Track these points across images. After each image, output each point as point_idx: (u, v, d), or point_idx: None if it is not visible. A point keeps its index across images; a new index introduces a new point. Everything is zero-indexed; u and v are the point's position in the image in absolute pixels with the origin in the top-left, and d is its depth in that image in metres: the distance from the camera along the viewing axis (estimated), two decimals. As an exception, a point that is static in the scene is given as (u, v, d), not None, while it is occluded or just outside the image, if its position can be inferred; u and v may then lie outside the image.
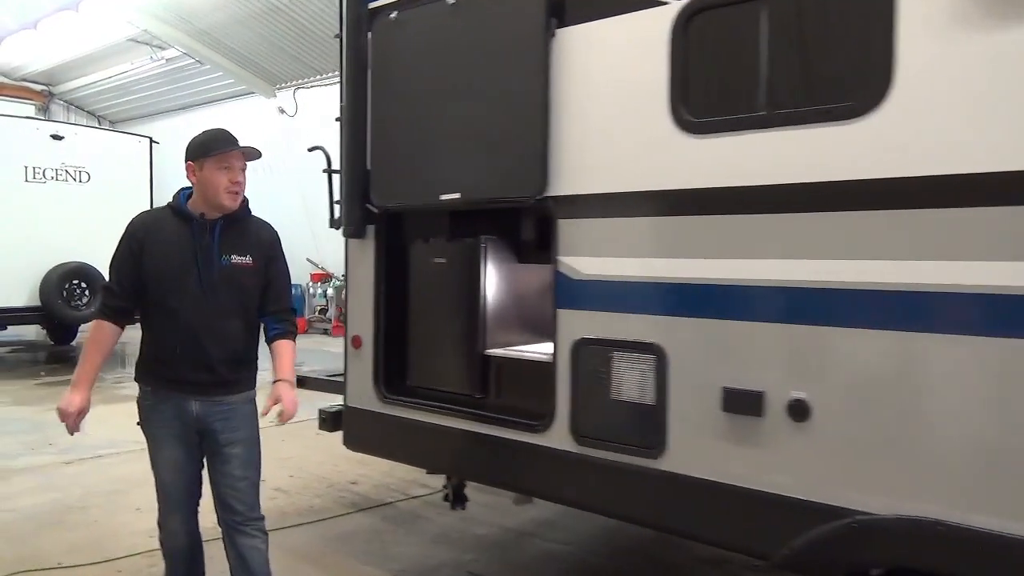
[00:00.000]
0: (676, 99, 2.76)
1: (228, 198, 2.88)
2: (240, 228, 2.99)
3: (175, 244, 2.90)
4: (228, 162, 2.87)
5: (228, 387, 2.97)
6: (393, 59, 3.67)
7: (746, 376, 2.62)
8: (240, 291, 2.95)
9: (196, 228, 2.91)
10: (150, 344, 2.97)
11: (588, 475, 3.05)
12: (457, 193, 3.41)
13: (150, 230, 2.93)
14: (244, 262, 2.95)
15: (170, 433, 2.95)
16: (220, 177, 2.86)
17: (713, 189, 2.69)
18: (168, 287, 2.88)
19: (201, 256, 2.87)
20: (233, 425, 2.97)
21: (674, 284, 2.79)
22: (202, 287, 2.87)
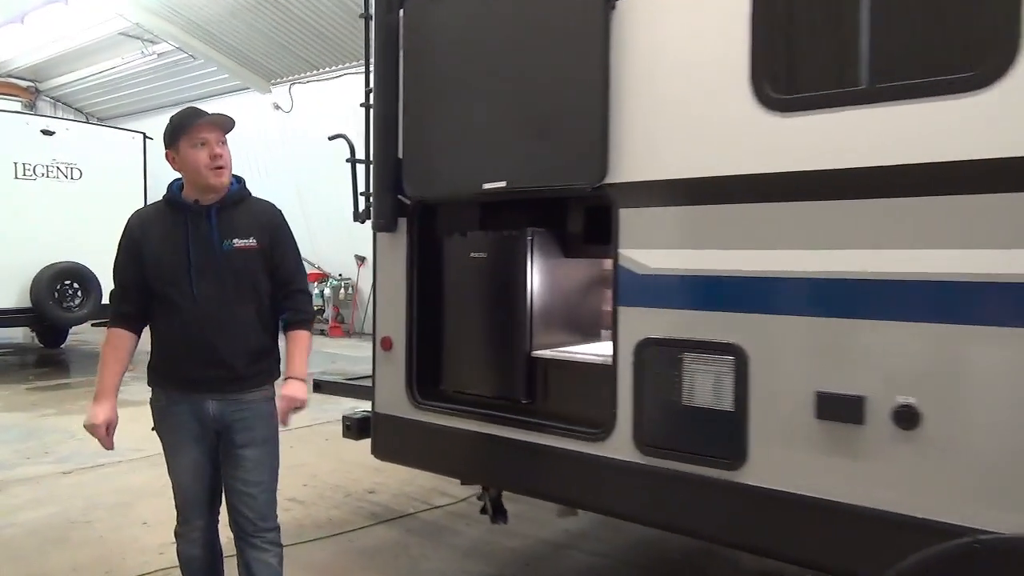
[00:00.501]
0: (758, 73, 2.50)
1: (212, 175, 2.68)
2: (239, 210, 2.80)
3: (172, 236, 2.73)
4: (201, 137, 2.67)
5: (244, 383, 2.78)
6: (429, 38, 3.39)
7: (845, 380, 2.36)
8: (247, 276, 2.75)
9: (192, 216, 2.73)
10: (159, 344, 2.80)
11: (653, 488, 2.79)
12: (502, 182, 3.13)
13: (146, 226, 2.76)
14: (247, 245, 2.75)
15: (188, 436, 2.78)
16: (198, 155, 2.67)
17: (802, 173, 2.43)
18: (169, 281, 2.70)
19: (202, 244, 2.70)
20: (249, 424, 2.77)
21: (758, 278, 2.53)
22: (205, 277, 2.69)
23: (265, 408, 2.84)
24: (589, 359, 3.21)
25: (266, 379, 2.86)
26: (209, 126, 2.69)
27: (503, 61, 3.13)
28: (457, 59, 3.29)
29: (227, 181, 2.74)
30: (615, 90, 2.81)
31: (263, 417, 2.83)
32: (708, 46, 2.61)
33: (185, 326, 2.70)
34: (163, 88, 16.56)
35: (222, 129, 2.73)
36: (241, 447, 2.77)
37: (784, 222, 2.48)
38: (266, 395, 2.86)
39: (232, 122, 2.76)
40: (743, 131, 2.54)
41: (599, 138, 2.83)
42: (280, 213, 2.92)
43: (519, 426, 3.16)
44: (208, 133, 2.68)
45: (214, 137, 2.69)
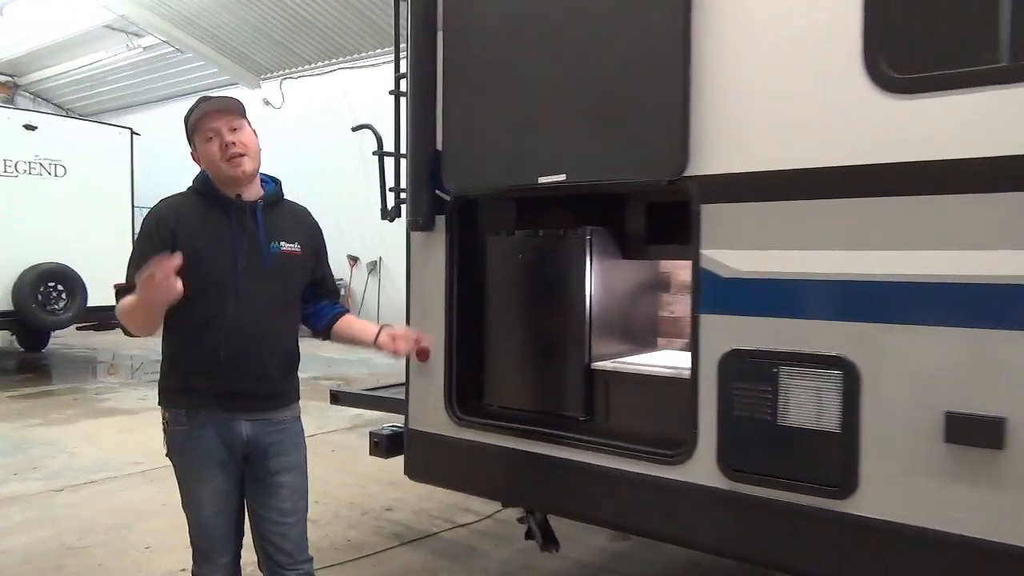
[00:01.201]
0: (872, 49, 2.20)
1: (231, 166, 2.40)
2: (281, 211, 2.58)
3: (214, 230, 2.43)
4: (210, 128, 2.41)
5: (280, 400, 2.53)
6: (474, 16, 3.06)
7: (981, 399, 2.07)
8: (290, 283, 2.55)
9: (235, 211, 2.45)
10: (184, 354, 2.45)
11: (741, 517, 2.49)
12: (561, 175, 2.81)
13: (181, 215, 2.43)
14: (293, 250, 2.53)
15: (214, 462, 2.45)
16: (211, 148, 2.41)
17: (926, 163, 2.14)
18: (211, 280, 2.38)
19: (248, 243, 2.43)
20: (285, 448, 2.52)
21: (871, 283, 2.23)
22: (253, 279, 2.42)
23: (298, 428, 2.60)
24: (660, 372, 2.89)
25: (296, 395, 2.63)
26: (214, 114, 2.41)
27: (563, 39, 2.80)
28: (507, 38, 2.97)
29: (250, 170, 2.45)
30: (697, 70, 2.49)
31: (297, 437, 2.58)
32: (810, 15, 2.31)
33: (226, 332, 2.38)
34: (148, 83, 16.09)
35: (230, 113, 2.43)
36: (276, 473, 2.49)
37: (904, 220, 2.18)
38: (296, 414, 2.61)
39: (237, 103, 2.47)
40: (854, 116, 2.24)
41: (678, 125, 2.52)
42: (315, 219, 2.72)
43: (579, 446, 2.84)
44: (215, 122, 2.40)
45: (224, 124, 2.40)
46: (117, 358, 11.83)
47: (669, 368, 2.85)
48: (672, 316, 3.57)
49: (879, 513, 2.23)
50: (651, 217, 3.25)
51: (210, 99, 2.47)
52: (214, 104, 2.43)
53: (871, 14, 2.19)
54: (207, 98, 2.48)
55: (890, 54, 2.18)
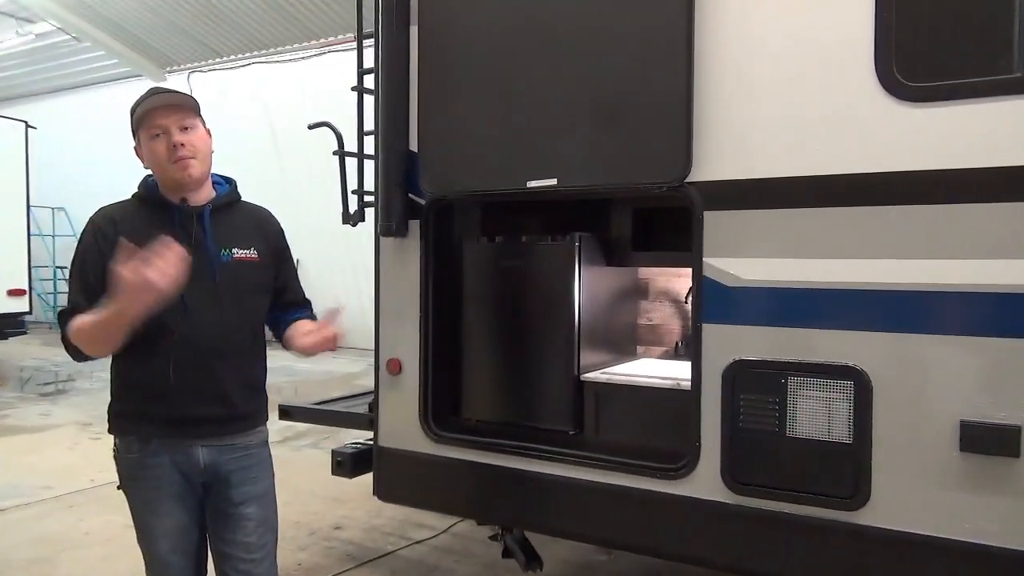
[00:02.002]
0: (883, 56, 2.18)
1: (176, 169, 2.15)
2: (236, 215, 2.33)
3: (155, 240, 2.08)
4: (157, 125, 2.15)
5: (244, 423, 2.29)
6: (453, 7, 2.90)
7: (996, 407, 2.08)
8: (247, 293, 2.29)
9: (180, 217, 2.20)
10: (133, 375, 2.21)
11: (749, 531, 2.44)
12: (552, 179, 2.69)
13: (120, 225, 2.17)
14: (249, 256, 2.28)
15: (170, 493, 2.22)
16: (157, 147, 2.16)
17: (940, 172, 2.13)
18: None
19: (195, 252, 2.12)
20: (251, 476, 2.29)
21: (884, 292, 2.21)
22: (198, 292, 2.14)
23: (265, 454, 2.37)
24: (656, 383, 2.81)
25: (263, 417, 2.39)
26: (163, 110, 2.15)
27: (555, 36, 2.67)
28: (492, 33, 2.82)
29: (198, 174, 2.19)
30: (702, 69, 2.42)
31: (264, 464, 2.36)
32: (820, 20, 2.27)
33: (177, 351, 2.14)
34: (42, 73, 14.97)
35: (181, 110, 2.18)
36: (240, 504, 2.27)
37: (916, 228, 2.17)
38: (263, 438, 2.38)
39: (190, 99, 2.22)
40: (864, 124, 2.22)
41: (681, 129, 2.44)
42: (278, 222, 2.46)
43: (572, 461, 2.73)
44: (164, 119, 2.14)
45: (173, 122, 2.15)
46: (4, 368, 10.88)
47: (666, 379, 2.77)
48: (651, 323, 3.51)
49: (893, 524, 2.22)
50: (637, 223, 3.17)
51: (160, 92, 2.21)
52: (164, 99, 2.17)
53: (883, 20, 2.17)
54: (157, 90, 2.23)
55: (902, 61, 2.17)
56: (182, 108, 2.17)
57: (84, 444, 6.67)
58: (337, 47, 11.89)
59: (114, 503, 5.51)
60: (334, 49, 11.96)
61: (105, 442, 6.76)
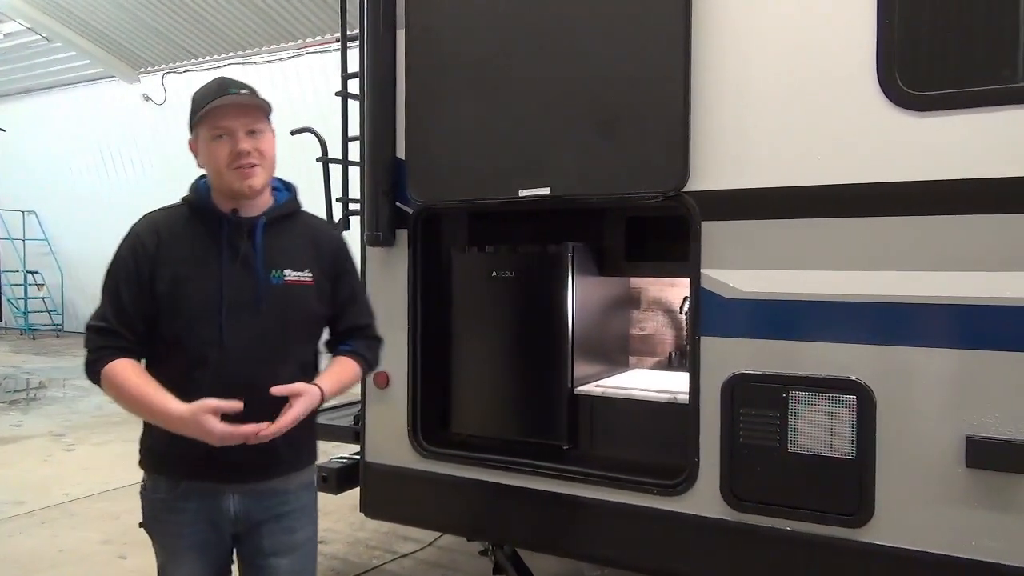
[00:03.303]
0: (887, 64, 2.14)
1: (236, 177, 1.89)
2: (293, 229, 2.04)
3: (201, 257, 1.93)
4: (221, 126, 1.89)
5: (284, 466, 2.02)
6: (442, 12, 2.82)
7: (1003, 422, 2.04)
8: (297, 323, 2.00)
9: (228, 231, 1.94)
10: None
11: (749, 549, 2.38)
12: (545, 188, 2.62)
13: (164, 237, 1.93)
14: (301, 279, 1.99)
15: (194, 544, 1.98)
16: (217, 151, 1.90)
17: (944, 183, 2.09)
18: (195, 321, 1.90)
19: (239, 272, 1.92)
20: (288, 526, 2.03)
21: (888, 305, 2.17)
22: (240, 319, 1.91)
23: (307, 498, 2.09)
24: (653, 397, 2.75)
25: (311, 457, 2.12)
26: (232, 110, 1.89)
27: (548, 42, 2.60)
28: (482, 39, 2.74)
29: (259, 185, 1.93)
30: (699, 76, 2.37)
31: (306, 512, 2.08)
32: (821, 27, 2.22)
33: (214, 386, 1.85)
34: (11, 74, 14.57)
35: (252, 113, 1.92)
36: (271, 555, 2.01)
37: (921, 240, 2.13)
38: (309, 479, 2.12)
39: (263, 101, 1.95)
40: (867, 133, 2.18)
41: (678, 137, 2.38)
42: (342, 239, 2.17)
43: (566, 477, 2.66)
44: (231, 120, 1.89)
45: (241, 125, 1.90)
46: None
47: (663, 392, 2.71)
48: (643, 333, 3.46)
49: (897, 541, 2.18)
50: (631, 232, 3.11)
51: (231, 89, 1.91)
52: (235, 99, 1.90)
53: (885, 28, 2.13)
54: (227, 84, 1.92)
55: (905, 70, 2.12)
56: (253, 110, 1.92)
57: (57, 456, 6.49)
58: (316, 48, 11.74)
59: (89, 518, 5.35)
60: (313, 51, 11.80)
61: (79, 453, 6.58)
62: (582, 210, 3.01)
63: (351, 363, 2.08)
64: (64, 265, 15.80)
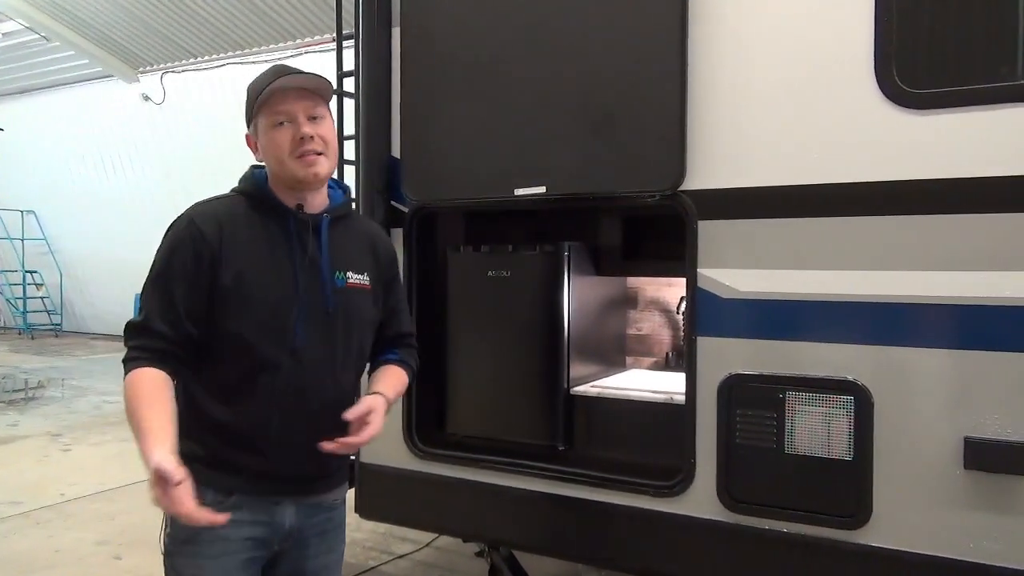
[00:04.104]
0: (884, 62, 2.12)
1: (301, 165, 1.77)
2: (349, 230, 1.93)
3: (270, 253, 1.79)
4: (282, 111, 1.78)
5: (332, 479, 1.91)
6: (439, 8, 2.80)
7: (1002, 424, 2.02)
8: (358, 328, 1.90)
9: (295, 227, 1.81)
10: (220, 416, 1.77)
11: (746, 551, 2.36)
12: (541, 187, 2.60)
13: (227, 229, 1.77)
14: (361, 283, 1.89)
15: (235, 563, 1.77)
16: (279, 137, 1.78)
17: (942, 181, 2.07)
18: (266, 322, 1.76)
19: (308, 272, 1.80)
20: (328, 544, 1.91)
21: (885, 304, 2.15)
22: (315, 321, 1.80)
23: (343, 514, 1.98)
24: (648, 398, 2.73)
25: (347, 470, 2.01)
26: (293, 94, 1.78)
27: (545, 38, 2.58)
28: (477, 37, 2.72)
29: (324, 174, 1.81)
30: (696, 74, 2.35)
31: (342, 528, 1.98)
32: (818, 24, 2.20)
33: (278, 397, 1.74)
34: (9, 73, 14.58)
35: (314, 96, 1.82)
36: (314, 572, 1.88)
37: (920, 239, 2.11)
38: (344, 493, 2.00)
39: (326, 83, 1.84)
40: (865, 131, 2.16)
41: (674, 136, 2.36)
42: (391, 241, 2.14)
43: (561, 478, 2.64)
44: (293, 104, 1.78)
45: (302, 109, 1.79)
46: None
47: (659, 393, 2.69)
48: (640, 333, 3.44)
49: (894, 543, 2.16)
50: (627, 231, 3.09)
51: (289, 71, 1.80)
52: (296, 80, 1.78)
53: (883, 24, 2.11)
54: (285, 69, 1.81)
55: (903, 67, 2.10)
56: (315, 93, 1.81)
57: (54, 456, 6.47)
58: (315, 48, 11.72)
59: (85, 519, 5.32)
60: (311, 50, 11.78)
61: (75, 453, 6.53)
62: (578, 209, 2.99)
63: (402, 373, 1.99)
64: (63, 265, 15.78)
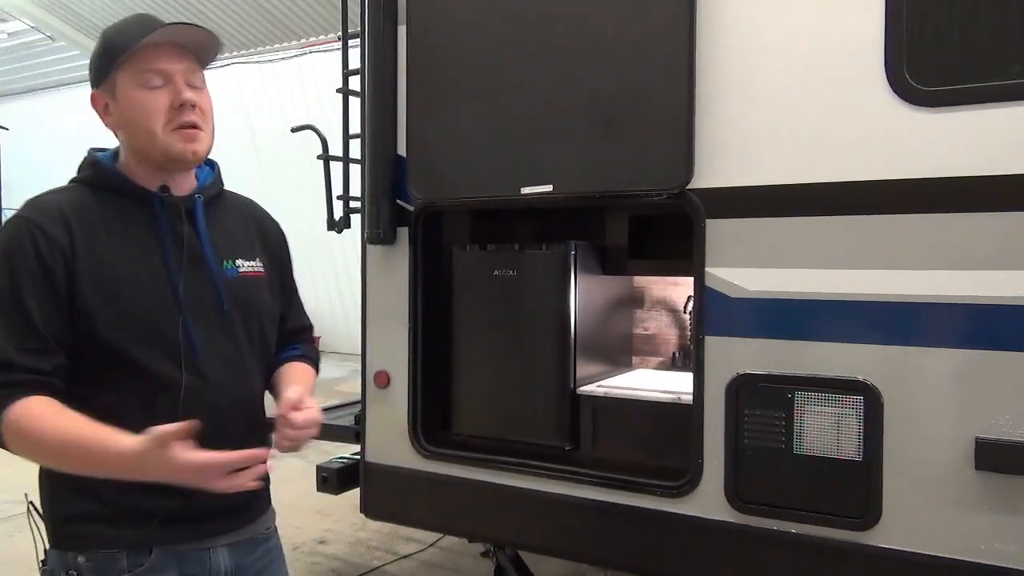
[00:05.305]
0: (894, 58, 2.10)
1: (177, 139, 1.46)
2: (225, 210, 1.63)
3: (136, 249, 1.46)
4: (157, 68, 1.44)
5: (260, 504, 1.64)
6: (445, 6, 2.78)
7: (1014, 424, 2.00)
8: (259, 324, 1.61)
9: (164, 215, 1.49)
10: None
11: (754, 552, 2.35)
12: (547, 185, 2.59)
13: (75, 227, 1.42)
14: (255, 271, 1.62)
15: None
16: (150, 101, 1.44)
17: (954, 180, 2.05)
18: (149, 333, 1.44)
19: (189, 265, 1.50)
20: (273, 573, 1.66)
21: (895, 304, 2.13)
22: (209, 324, 1.51)
23: (278, 539, 1.72)
24: (656, 397, 2.71)
25: (268, 494, 1.69)
26: (176, 52, 1.45)
27: (552, 36, 2.57)
28: (484, 35, 2.70)
29: (203, 153, 1.51)
30: (704, 71, 2.33)
31: (282, 556, 1.72)
32: (827, 21, 2.18)
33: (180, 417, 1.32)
34: (14, 73, 14.62)
35: (196, 56, 1.49)
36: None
37: (930, 238, 2.08)
38: (274, 514, 1.72)
39: (215, 40, 1.51)
40: (875, 129, 2.13)
41: (683, 134, 2.34)
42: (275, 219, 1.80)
43: (567, 479, 2.62)
44: (171, 62, 1.44)
45: (182, 70, 1.45)
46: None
47: (666, 393, 2.67)
48: (647, 333, 3.42)
49: (904, 544, 2.13)
50: (634, 230, 3.07)
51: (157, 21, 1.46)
52: (175, 32, 1.44)
53: (893, 20, 2.09)
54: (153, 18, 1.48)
55: (914, 64, 2.08)
56: (199, 52, 1.48)
57: (58, 455, 6.47)
58: (320, 47, 11.72)
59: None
60: (317, 49, 11.78)
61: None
62: (585, 208, 2.98)
63: (311, 370, 1.75)
64: (68, 264, 15.78)
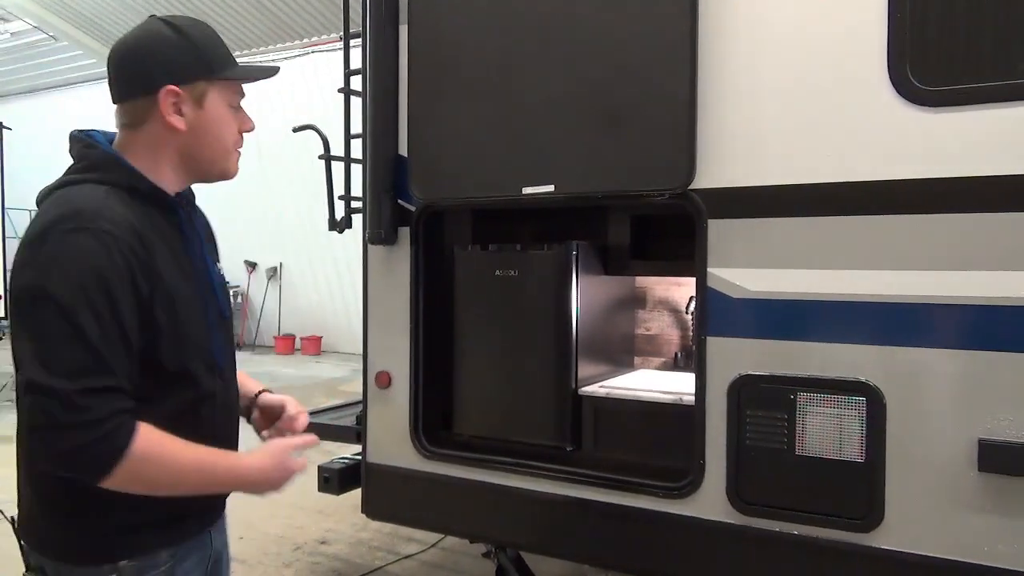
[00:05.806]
0: (897, 58, 2.09)
1: (234, 162, 1.58)
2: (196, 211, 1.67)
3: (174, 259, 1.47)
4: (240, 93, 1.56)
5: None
6: (447, 6, 2.78)
7: (1017, 425, 1.99)
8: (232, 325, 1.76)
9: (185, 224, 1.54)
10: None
11: (756, 553, 2.34)
12: (549, 186, 2.58)
13: (145, 237, 1.39)
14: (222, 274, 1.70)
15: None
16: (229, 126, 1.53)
17: (957, 180, 2.05)
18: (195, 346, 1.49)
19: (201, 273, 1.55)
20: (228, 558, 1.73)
21: (898, 304, 2.12)
22: (224, 330, 1.61)
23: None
24: (658, 398, 2.71)
25: None
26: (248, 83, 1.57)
27: (554, 36, 2.56)
28: (485, 35, 2.70)
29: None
30: (706, 72, 2.32)
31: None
32: (829, 21, 2.18)
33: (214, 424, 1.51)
34: (17, 73, 14.65)
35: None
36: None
37: (933, 238, 2.08)
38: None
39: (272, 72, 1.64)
40: (878, 129, 2.13)
41: (685, 134, 2.34)
42: None
43: (568, 479, 2.62)
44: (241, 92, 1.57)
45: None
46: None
47: (668, 393, 2.67)
48: (649, 334, 3.41)
49: (907, 546, 2.13)
50: (635, 230, 3.07)
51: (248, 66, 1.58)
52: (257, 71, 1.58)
53: (896, 20, 2.08)
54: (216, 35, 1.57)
55: (916, 64, 2.08)
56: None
57: (60, 455, 6.47)
58: (321, 47, 11.73)
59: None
60: (318, 49, 11.79)
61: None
62: (587, 208, 2.98)
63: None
64: (70, 264, 15.79)
